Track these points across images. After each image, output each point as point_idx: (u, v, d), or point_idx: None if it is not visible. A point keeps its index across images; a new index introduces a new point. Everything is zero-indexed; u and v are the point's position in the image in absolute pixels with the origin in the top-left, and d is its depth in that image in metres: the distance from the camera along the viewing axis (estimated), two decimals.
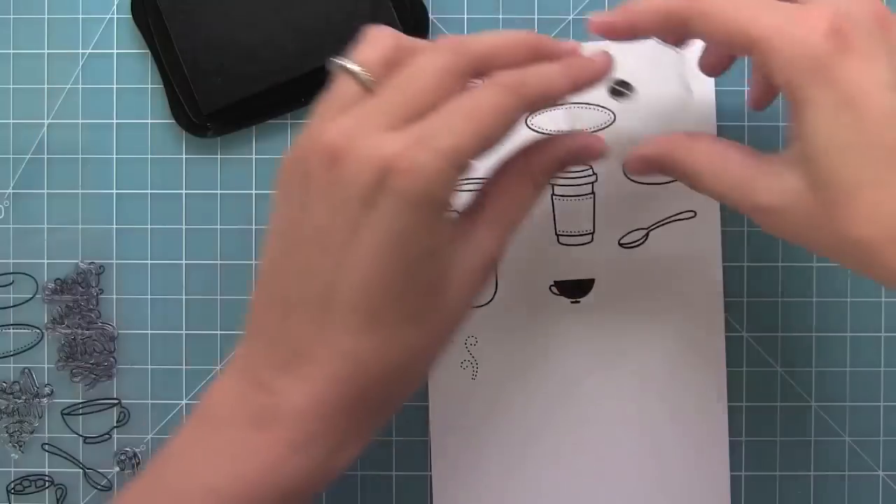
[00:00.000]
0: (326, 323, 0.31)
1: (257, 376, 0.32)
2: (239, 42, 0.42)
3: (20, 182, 0.44)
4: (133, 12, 0.43)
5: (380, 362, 0.31)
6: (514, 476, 0.42)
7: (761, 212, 0.32)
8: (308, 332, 0.31)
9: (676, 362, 0.42)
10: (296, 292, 0.31)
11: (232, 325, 0.43)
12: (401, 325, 0.31)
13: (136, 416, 0.44)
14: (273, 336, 0.32)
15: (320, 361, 0.31)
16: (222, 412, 0.32)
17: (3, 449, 0.44)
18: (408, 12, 0.42)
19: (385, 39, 0.33)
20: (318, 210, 0.31)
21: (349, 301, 0.30)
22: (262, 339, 0.32)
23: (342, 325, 0.31)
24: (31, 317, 0.44)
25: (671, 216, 0.43)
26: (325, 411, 0.31)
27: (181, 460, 0.32)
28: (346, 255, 0.30)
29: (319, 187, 0.31)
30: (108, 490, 0.44)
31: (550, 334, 0.42)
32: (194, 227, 0.44)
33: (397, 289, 0.30)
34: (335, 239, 0.30)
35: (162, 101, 0.43)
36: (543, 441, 0.42)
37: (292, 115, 0.43)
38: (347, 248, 0.30)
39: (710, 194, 0.34)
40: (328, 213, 0.30)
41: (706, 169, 0.34)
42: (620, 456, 0.42)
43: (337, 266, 0.30)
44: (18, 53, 0.44)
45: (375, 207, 0.30)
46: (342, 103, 0.32)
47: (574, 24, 0.43)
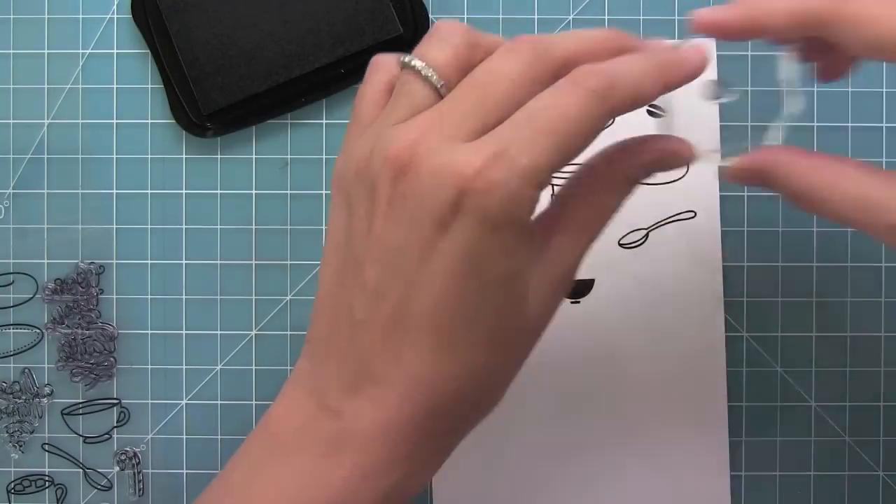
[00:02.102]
0: (398, 344, 0.29)
1: (324, 398, 0.30)
2: (239, 42, 0.42)
3: (20, 182, 0.44)
4: (133, 12, 0.43)
5: (453, 386, 0.29)
6: (514, 475, 0.42)
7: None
8: (378, 354, 0.29)
9: (676, 362, 0.42)
10: (363, 311, 0.29)
11: (232, 325, 0.43)
12: (476, 348, 0.29)
13: (136, 416, 0.44)
14: (341, 355, 0.30)
15: (392, 384, 0.29)
16: (287, 437, 0.30)
17: (3, 449, 0.44)
18: (408, 12, 0.42)
19: (456, 36, 0.30)
20: (387, 228, 0.28)
21: (422, 323, 0.28)
22: (330, 359, 0.30)
23: (414, 347, 0.28)
24: (31, 317, 0.44)
25: (671, 216, 0.43)
26: (396, 437, 0.29)
27: (247, 492, 0.30)
28: (419, 277, 0.28)
29: (387, 202, 0.28)
30: (108, 490, 0.44)
31: (550, 334, 0.42)
32: (194, 227, 0.44)
33: (472, 312, 0.28)
34: (406, 259, 0.28)
35: (162, 101, 0.43)
36: (543, 440, 0.42)
37: (292, 114, 0.43)
38: (420, 269, 0.28)
39: (827, 216, 0.30)
40: (398, 232, 0.28)
41: (824, 188, 0.30)
42: (620, 455, 0.42)
43: (408, 287, 0.28)
44: (18, 53, 0.44)
45: (450, 229, 0.27)
46: (410, 107, 0.29)
47: (574, 24, 0.43)
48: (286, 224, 0.43)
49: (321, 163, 0.43)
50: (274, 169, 0.43)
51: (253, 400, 0.43)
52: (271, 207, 0.43)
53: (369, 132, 0.30)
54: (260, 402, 0.43)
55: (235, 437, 0.43)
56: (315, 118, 0.43)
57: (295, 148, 0.43)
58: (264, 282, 0.43)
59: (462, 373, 0.29)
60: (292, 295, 0.43)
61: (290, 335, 0.43)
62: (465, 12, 0.43)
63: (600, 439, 0.39)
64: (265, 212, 0.43)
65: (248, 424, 0.43)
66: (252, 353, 0.43)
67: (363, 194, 0.29)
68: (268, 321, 0.43)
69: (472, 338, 0.29)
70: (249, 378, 0.43)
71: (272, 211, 0.43)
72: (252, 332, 0.43)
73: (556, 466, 0.42)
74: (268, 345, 0.43)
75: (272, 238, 0.43)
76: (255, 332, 0.43)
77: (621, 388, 0.41)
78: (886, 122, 0.43)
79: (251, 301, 0.43)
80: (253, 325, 0.43)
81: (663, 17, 0.43)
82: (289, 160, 0.43)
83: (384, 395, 0.29)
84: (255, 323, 0.43)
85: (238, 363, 0.43)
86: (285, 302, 0.43)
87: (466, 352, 0.29)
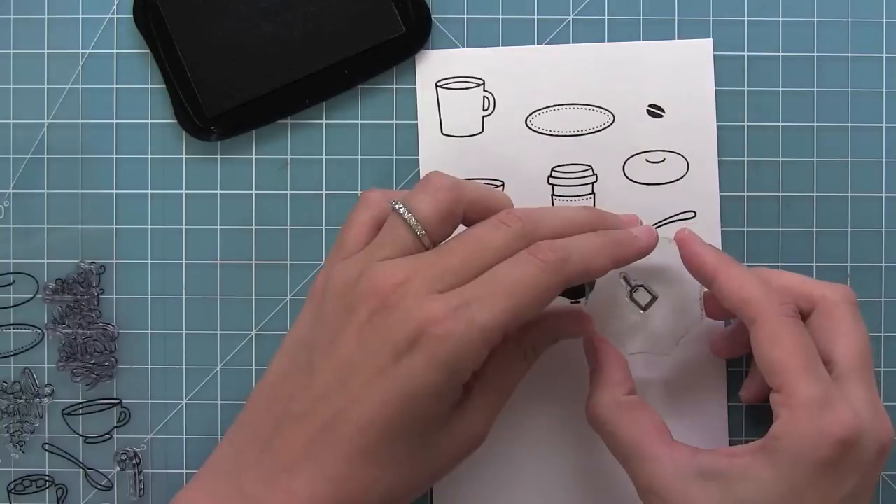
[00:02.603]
0: (321, 446, 0.32)
1: (240, 484, 0.33)
2: (241, 44, 0.42)
3: (20, 182, 0.44)
4: (134, 13, 0.43)
5: (361, 494, 0.32)
6: (513, 475, 0.42)
7: (657, 499, 0.34)
8: (302, 451, 0.32)
9: (676, 362, 0.42)
10: (302, 408, 0.33)
11: (232, 326, 0.43)
12: (390, 466, 0.32)
13: (136, 416, 0.44)
14: (264, 445, 0.33)
15: (308, 481, 0.32)
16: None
17: (4, 449, 0.44)
18: (409, 12, 0.42)
19: (441, 192, 0.34)
20: (350, 346, 0.32)
21: (350, 433, 0.32)
22: (253, 446, 0.33)
23: (336, 452, 0.32)
24: (32, 317, 0.44)
25: (671, 216, 0.43)
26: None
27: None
28: (362, 393, 0.32)
29: (359, 325, 0.32)
30: (109, 490, 0.44)
31: None
32: (194, 227, 0.44)
33: (395, 437, 0.32)
34: (358, 377, 0.32)
35: (162, 101, 0.43)
36: (543, 440, 0.42)
37: (292, 115, 0.43)
38: (366, 388, 0.32)
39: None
40: (359, 353, 0.32)
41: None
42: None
43: (350, 400, 0.32)
44: (18, 53, 0.44)
45: (402, 362, 0.31)
46: (395, 248, 0.34)
47: (574, 24, 0.43)
48: (286, 224, 0.43)
49: (321, 163, 0.43)
50: (274, 169, 0.43)
51: None
52: (271, 207, 0.43)
53: (356, 260, 0.34)
54: None
55: None
56: (315, 118, 0.43)
57: (295, 148, 0.43)
58: (264, 282, 0.43)
59: (371, 484, 0.32)
60: (292, 295, 0.43)
61: None
62: (465, 12, 0.43)
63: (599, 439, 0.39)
64: (265, 212, 0.43)
65: None
66: (252, 353, 0.43)
67: (338, 311, 0.33)
68: (268, 321, 0.43)
69: (390, 458, 0.32)
70: (249, 378, 0.43)
71: (272, 211, 0.43)
72: (252, 332, 0.43)
73: (555, 465, 0.42)
74: (268, 345, 0.43)
75: (272, 238, 0.43)
76: (255, 332, 0.43)
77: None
78: (886, 122, 0.43)
79: (251, 301, 0.43)
80: (253, 325, 0.43)
81: (663, 17, 0.43)
82: (289, 160, 0.43)
83: (298, 489, 0.32)
84: (255, 323, 0.43)
85: (238, 363, 0.43)
86: (285, 302, 0.43)
87: (381, 468, 0.32)
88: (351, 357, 0.32)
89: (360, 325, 0.32)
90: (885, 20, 0.43)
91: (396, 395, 0.31)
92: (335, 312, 0.33)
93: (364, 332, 0.32)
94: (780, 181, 0.43)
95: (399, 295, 0.32)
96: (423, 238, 0.34)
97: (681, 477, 0.34)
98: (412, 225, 0.34)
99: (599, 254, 0.35)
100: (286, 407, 0.33)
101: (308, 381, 0.33)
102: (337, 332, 0.33)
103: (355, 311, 0.33)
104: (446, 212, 0.34)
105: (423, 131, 0.43)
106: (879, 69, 0.43)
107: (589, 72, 0.43)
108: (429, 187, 0.35)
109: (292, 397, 0.33)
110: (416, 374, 0.31)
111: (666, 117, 0.43)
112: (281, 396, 0.34)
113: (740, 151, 0.43)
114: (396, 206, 0.34)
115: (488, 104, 0.43)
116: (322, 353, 0.33)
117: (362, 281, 0.33)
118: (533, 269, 0.33)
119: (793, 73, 0.43)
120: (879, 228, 0.43)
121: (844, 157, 0.43)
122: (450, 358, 0.31)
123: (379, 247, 0.34)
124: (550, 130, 0.43)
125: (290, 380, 0.34)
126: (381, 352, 0.32)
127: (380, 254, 0.34)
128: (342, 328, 0.33)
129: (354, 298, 0.33)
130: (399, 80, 0.43)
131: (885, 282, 0.43)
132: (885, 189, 0.43)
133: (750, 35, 0.43)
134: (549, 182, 0.43)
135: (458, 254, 0.33)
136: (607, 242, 0.35)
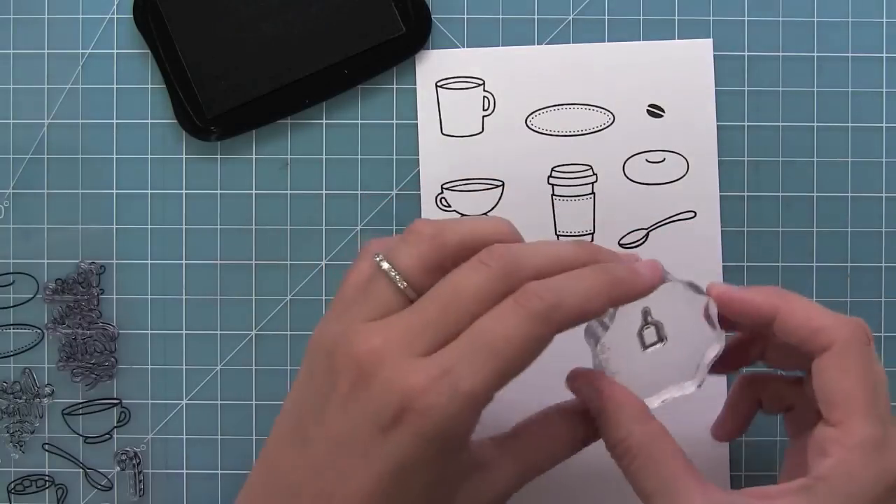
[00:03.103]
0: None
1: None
2: (241, 44, 0.42)
3: (20, 182, 0.44)
4: (134, 13, 0.43)
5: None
6: None
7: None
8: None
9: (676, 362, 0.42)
10: (297, 478, 0.31)
11: (232, 326, 0.43)
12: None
13: (136, 416, 0.44)
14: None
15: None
16: None
17: (4, 449, 0.44)
18: (409, 12, 0.42)
19: (423, 243, 0.32)
20: (338, 419, 0.31)
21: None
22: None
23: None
24: (32, 317, 0.44)
25: (671, 216, 0.43)
26: None
27: None
28: (354, 470, 0.30)
29: (343, 397, 0.30)
30: (109, 490, 0.44)
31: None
32: (194, 227, 0.44)
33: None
34: (347, 452, 0.30)
35: (162, 101, 0.43)
36: None
37: (292, 115, 0.43)
38: (357, 464, 0.30)
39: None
40: (347, 426, 0.30)
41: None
42: None
43: (340, 478, 0.30)
44: (18, 53, 0.44)
45: (389, 437, 0.30)
46: (377, 305, 0.31)
47: (574, 24, 0.43)
48: (286, 224, 0.43)
49: (321, 163, 0.43)
50: (274, 169, 0.43)
51: (253, 400, 0.43)
52: (271, 207, 0.43)
53: (339, 319, 0.32)
54: (260, 402, 0.43)
55: (235, 438, 0.43)
56: (315, 118, 0.43)
57: (295, 148, 0.43)
58: (264, 282, 0.43)
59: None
60: (292, 295, 0.43)
61: (290, 335, 0.43)
62: (465, 12, 0.43)
63: None
64: (265, 212, 0.43)
65: (247, 425, 0.43)
66: (252, 353, 0.43)
67: (325, 376, 0.31)
68: (268, 321, 0.43)
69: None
70: (249, 378, 0.43)
71: (272, 211, 0.43)
72: (252, 332, 0.43)
73: None
74: (268, 345, 0.43)
75: (272, 238, 0.43)
76: (255, 332, 0.43)
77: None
78: (886, 122, 0.43)
79: (251, 301, 0.43)
80: (253, 325, 0.43)
81: (663, 17, 0.43)
82: (289, 160, 0.43)
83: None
84: (255, 323, 0.43)
85: (238, 363, 0.43)
86: (285, 302, 0.43)
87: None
88: (339, 430, 0.31)
89: (343, 398, 0.31)
90: (885, 20, 0.43)
91: (388, 471, 0.30)
92: (323, 377, 0.32)
93: (348, 404, 0.30)
94: (780, 181, 0.43)
95: (375, 364, 0.30)
96: (406, 291, 0.31)
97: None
98: (394, 279, 0.31)
99: (597, 294, 0.31)
100: (286, 477, 0.32)
101: (302, 453, 0.32)
102: (325, 402, 0.31)
103: (338, 381, 0.31)
104: (430, 262, 0.32)
105: (423, 131, 0.43)
106: (879, 69, 0.43)
107: (589, 72, 0.43)
108: (411, 237, 0.32)
109: (290, 467, 0.32)
110: (404, 450, 0.29)
111: (666, 117, 0.43)
112: (280, 468, 0.33)
113: (740, 151, 0.43)
114: (377, 258, 0.32)
115: (488, 104, 0.43)
116: (314, 422, 0.31)
117: (340, 347, 0.31)
118: (519, 322, 0.29)
119: (793, 73, 0.43)
120: (879, 228, 0.43)
121: (844, 157, 0.43)
122: (436, 431, 0.29)
123: (362, 304, 0.32)
124: (550, 130, 0.43)
125: (286, 450, 0.32)
126: (366, 426, 0.30)
127: (361, 312, 0.32)
128: (329, 397, 0.31)
129: (336, 364, 0.31)
130: (399, 80, 0.43)
131: (885, 282, 0.43)
132: (885, 189, 0.43)
133: (750, 35, 0.43)
134: (549, 182, 0.43)
135: (434, 305, 0.31)
136: (605, 281, 0.31)
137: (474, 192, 0.43)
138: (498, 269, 0.31)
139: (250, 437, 0.43)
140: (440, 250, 0.32)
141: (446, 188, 0.43)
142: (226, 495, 0.43)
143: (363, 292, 0.32)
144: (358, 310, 0.32)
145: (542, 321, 0.30)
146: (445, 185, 0.43)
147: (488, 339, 0.29)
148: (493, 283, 0.30)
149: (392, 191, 0.43)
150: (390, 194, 0.43)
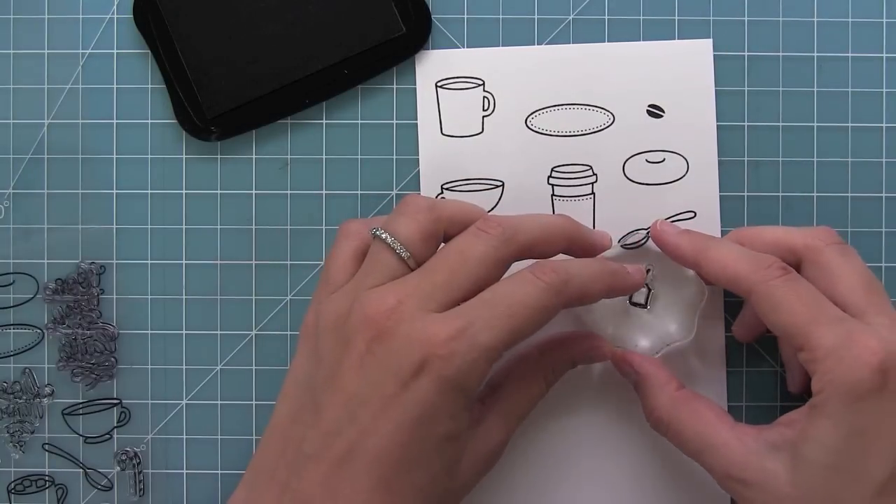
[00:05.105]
0: (338, 481, 0.32)
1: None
2: (241, 44, 0.42)
3: (20, 182, 0.44)
4: (134, 13, 0.43)
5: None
6: (513, 476, 0.42)
7: (737, 482, 0.34)
8: (321, 489, 0.32)
9: (676, 362, 0.42)
10: (313, 447, 0.32)
11: (232, 326, 0.43)
12: (408, 495, 0.32)
13: (136, 416, 0.44)
14: (281, 487, 0.33)
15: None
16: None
17: (4, 449, 0.44)
18: (409, 12, 0.42)
19: (420, 213, 0.34)
20: (354, 379, 0.32)
21: (366, 465, 0.32)
22: (270, 490, 0.33)
23: (354, 486, 0.32)
24: (32, 317, 0.44)
25: (671, 216, 0.43)
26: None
27: None
28: (374, 424, 0.32)
29: (359, 357, 0.32)
30: (109, 490, 0.44)
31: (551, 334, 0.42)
32: (194, 227, 0.44)
33: (413, 463, 0.32)
34: (366, 409, 0.32)
35: (162, 101, 0.43)
36: (542, 441, 0.42)
37: (292, 115, 0.43)
38: (377, 418, 0.32)
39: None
40: (364, 384, 0.32)
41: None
42: (620, 456, 0.42)
43: (361, 433, 0.32)
44: (18, 53, 0.44)
45: (410, 386, 0.31)
46: (382, 274, 0.34)
47: (574, 24, 0.43)
48: (286, 224, 0.43)
49: (321, 163, 0.43)
50: (274, 169, 0.44)
51: (253, 400, 0.43)
52: (271, 207, 0.43)
53: (344, 291, 0.34)
54: (260, 402, 0.43)
55: (235, 438, 0.43)
56: (315, 118, 0.43)
57: (295, 148, 0.43)
58: (264, 282, 0.43)
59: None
60: (292, 295, 0.43)
61: (290, 335, 0.43)
62: (465, 12, 0.43)
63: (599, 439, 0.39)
64: (265, 212, 0.43)
65: (247, 424, 0.43)
66: (252, 353, 0.43)
67: (335, 346, 0.33)
68: (268, 321, 0.43)
69: (408, 486, 0.32)
70: (249, 378, 0.43)
71: (272, 211, 0.43)
72: (252, 332, 0.43)
73: (555, 466, 0.42)
74: (268, 345, 0.43)
75: (272, 238, 0.43)
76: (255, 332, 0.43)
77: (620, 388, 0.41)
78: (886, 122, 0.43)
79: (251, 301, 0.43)
80: (253, 325, 0.43)
81: (663, 17, 0.43)
82: (289, 160, 0.43)
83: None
84: (255, 323, 0.43)
85: (238, 363, 0.43)
86: (285, 302, 0.43)
87: (402, 496, 0.32)
88: (356, 389, 0.32)
89: (359, 357, 0.32)
90: (885, 20, 0.43)
91: (409, 421, 0.31)
92: (331, 347, 0.33)
93: (365, 362, 0.32)
94: (780, 181, 0.43)
95: (394, 320, 0.32)
96: (408, 260, 0.34)
97: (754, 457, 0.34)
98: (396, 248, 0.34)
99: (597, 280, 0.35)
100: (298, 449, 0.33)
101: (316, 420, 0.33)
102: (337, 367, 0.33)
103: (352, 342, 0.32)
104: (428, 232, 0.34)
105: (423, 131, 0.43)
106: (879, 69, 0.43)
107: (589, 72, 0.43)
108: (407, 210, 0.35)
109: (303, 438, 0.33)
110: (425, 397, 0.31)
111: (666, 117, 0.43)
112: (292, 439, 0.33)
113: (740, 151, 0.43)
114: (378, 232, 0.34)
115: (488, 104, 0.43)
116: (326, 390, 0.33)
117: (354, 311, 0.33)
118: (535, 290, 0.33)
119: (793, 73, 0.43)
120: (879, 228, 0.43)
121: (844, 157, 0.43)
122: (457, 377, 0.31)
123: (366, 275, 0.34)
124: (550, 130, 0.43)
125: (297, 422, 0.33)
126: (386, 380, 0.32)
127: (368, 282, 0.34)
128: (341, 362, 0.32)
129: (349, 330, 0.33)
130: (399, 80, 0.43)
131: (885, 282, 0.43)
132: (885, 189, 0.43)
133: (750, 35, 0.43)
134: (549, 182, 0.43)
135: (442, 269, 0.33)
136: (604, 271, 0.36)
137: (474, 192, 0.43)
138: (498, 236, 0.34)
139: (250, 437, 0.43)
140: (436, 223, 0.35)
141: (446, 188, 0.43)
142: (226, 495, 0.43)
143: (369, 264, 0.34)
144: (363, 280, 0.34)
145: (555, 293, 0.33)
146: (445, 185, 0.43)
147: (507, 302, 0.32)
148: (495, 249, 0.34)
149: (392, 191, 0.43)
150: (390, 194, 0.43)
